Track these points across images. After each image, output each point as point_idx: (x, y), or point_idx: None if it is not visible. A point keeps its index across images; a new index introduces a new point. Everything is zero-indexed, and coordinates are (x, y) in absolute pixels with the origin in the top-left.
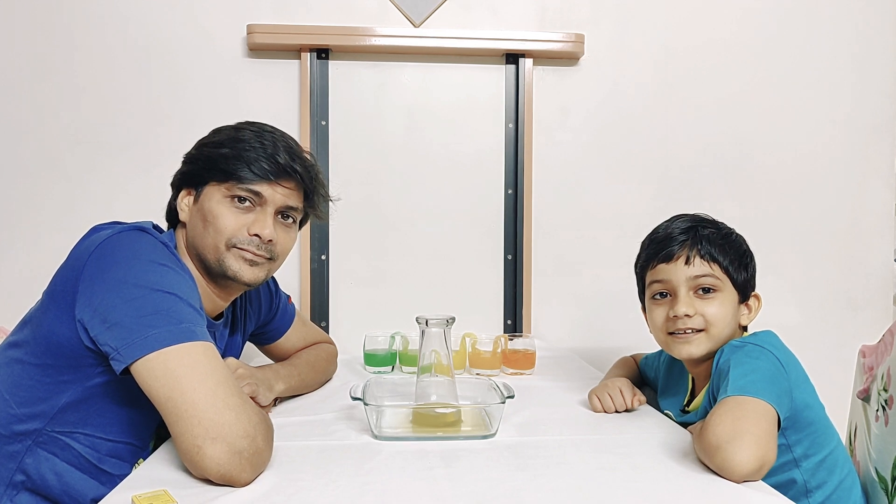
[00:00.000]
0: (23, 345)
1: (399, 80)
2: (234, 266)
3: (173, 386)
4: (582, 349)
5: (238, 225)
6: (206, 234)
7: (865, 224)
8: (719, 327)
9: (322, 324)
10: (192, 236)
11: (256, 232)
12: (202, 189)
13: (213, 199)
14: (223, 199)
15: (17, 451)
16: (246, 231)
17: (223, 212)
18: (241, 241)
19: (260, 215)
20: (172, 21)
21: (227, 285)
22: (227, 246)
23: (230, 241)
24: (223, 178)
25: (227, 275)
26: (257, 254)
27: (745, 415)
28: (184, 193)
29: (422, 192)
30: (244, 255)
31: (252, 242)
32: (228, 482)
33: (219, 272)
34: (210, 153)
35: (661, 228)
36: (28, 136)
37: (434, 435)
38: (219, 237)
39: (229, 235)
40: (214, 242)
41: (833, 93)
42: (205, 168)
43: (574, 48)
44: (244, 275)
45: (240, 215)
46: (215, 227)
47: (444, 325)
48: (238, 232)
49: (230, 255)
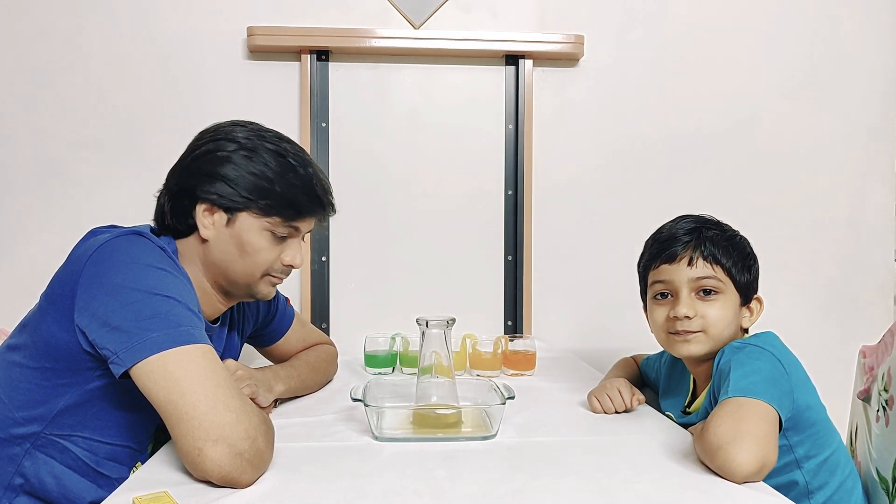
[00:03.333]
0: (21, 348)
1: (399, 81)
2: (264, 290)
3: (173, 389)
4: (582, 350)
5: (274, 256)
6: (242, 263)
7: (865, 224)
8: (719, 329)
9: (323, 325)
10: (220, 259)
11: (291, 263)
12: (237, 215)
13: (251, 229)
14: (262, 232)
15: (15, 454)
16: (280, 262)
17: (263, 245)
18: (275, 271)
19: (293, 243)
20: (173, 23)
21: (241, 299)
22: (261, 275)
23: (266, 271)
24: (266, 213)
25: (256, 297)
26: (283, 277)
27: (746, 416)
28: (206, 210)
29: (422, 193)
30: (273, 280)
31: (284, 270)
32: (230, 484)
33: (245, 294)
34: (253, 185)
35: (666, 228)
36: (28, 138)
37: (434, 436)
38: (256, 269)
39: (266, 267)
40: (250, 271)
41: (833, 93)
42: (247, 198)
43: (574, 49)
44: (270, 296)
45: (276, 246)
46: (254, 259)
47: (444, 326)
48: (274, 263)
49: (262, 281)
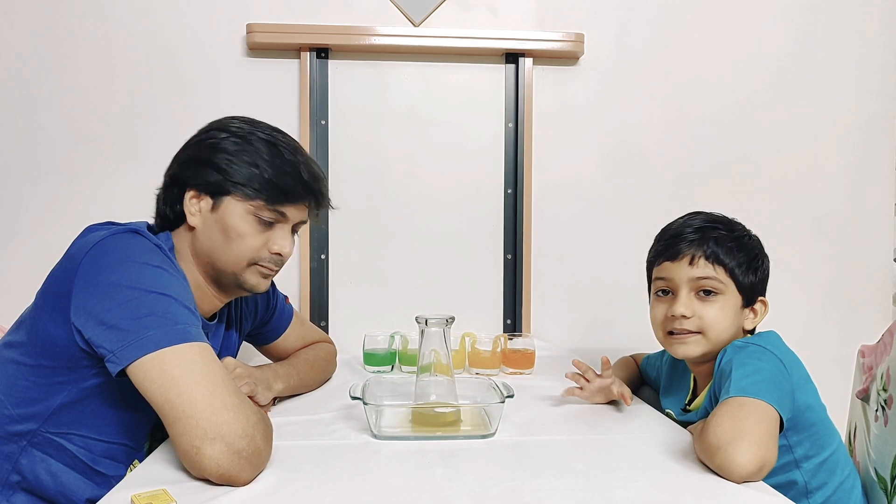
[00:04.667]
0: (18, 346)
1: (399, 79)
2: (252, 280)
3: (170, 387)
4: (581, 349)
5: (260, 243)
6: (228, 249)
7: (865, 224)
8: (717, 331)
9: (321, 323)
10: (206, 246)
11: (279, 251)
12: (221, 199)
13: (235, 213)
14: (246, 216)
15: (12, 451)
16: (267, 249)
17: (248, 230)
18: (262, 259)
19: (280, 231)
20: (171, 20)
21: (233, 291)
22: (248, 264)
23: (252, 259)
24: (251, 197)
25: (244, 287)
26: (273, 268)
27: (747, 416)
28: (193, 196)
29: (421, 191)
30: (262, 270)
31: (272, 260)
32: (228, 482)
33: (234, 284)
34: (239, 169)
35: (675, 225)
36: (27, 135)
37: (433, 434)
38: (242, 256)
39: (252, 255)
40: (236, 259)
41: (833, 93)
42: (231, 181)
43: (574, 48)
44: (260, 287)
45: (262, 233)
46: (239, 246)
47: (443, 324)
48: (261, 250)
49: (249, 270)
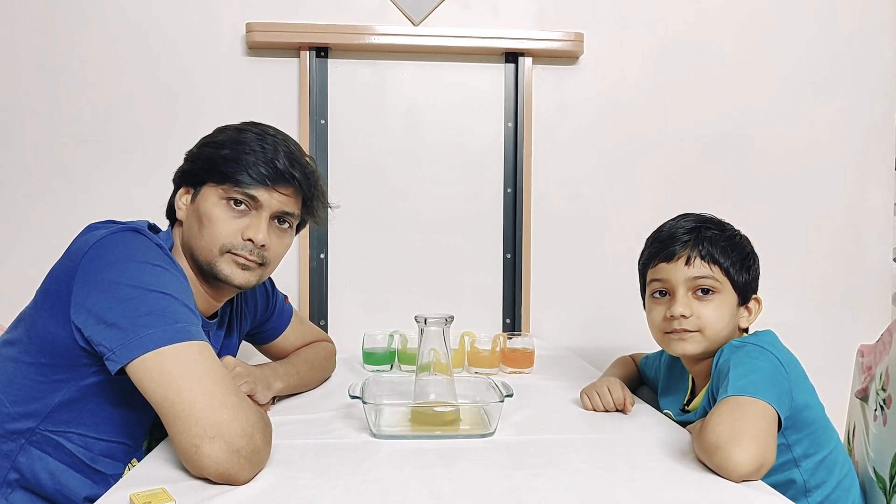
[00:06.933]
0: (17, 343)
1: (398, 78)
2: (226, 270)
3: (169, 386)
4: (581, 348)
5: (233, 230)
6: (201, 235)
7: (865, 224)
8: (715, 329)
9: (321, 322)
10: (187, 236)
11: (250, 237)
12: (200, 189)
13: (209, 200)
14: (219, 202)
15: (10, 449)
16: (240, 236)
17: (219, 215)
18: (235, 247)
19: (255, 219)
20: (171, 19)
21: (218, 286)
22: (220, 251)
23: (224, 246)
24: (221, 180)
25: (219, 277)
26: (249, 259)
27: (745, 415)
28: (182, 192)
29: (421, 190)
30: (236, 259)
31: (245, 247)
32: (227, 481)
33: (210, 274)
34: (210, 153)
35: (666, 227)
36: (28, 135)
37: (432, 433)
38: (213, 241)
39: (224, 240)
40: (209, 246)
41: (833, 93)
42: (204, 168)
43: (573, 47)
44: (235, 278)
45: (235, 219)
46: (210, 231)
47: (442, 323)
48: (233, 237)
49: (223, 259)
